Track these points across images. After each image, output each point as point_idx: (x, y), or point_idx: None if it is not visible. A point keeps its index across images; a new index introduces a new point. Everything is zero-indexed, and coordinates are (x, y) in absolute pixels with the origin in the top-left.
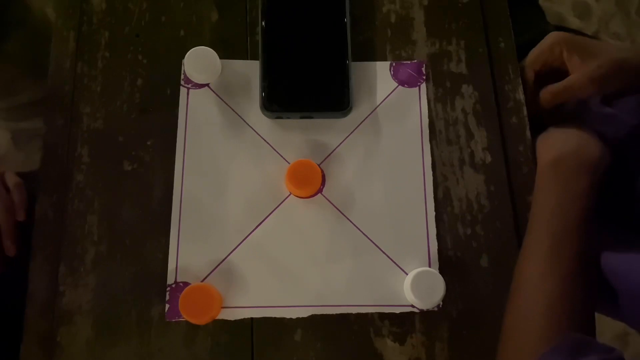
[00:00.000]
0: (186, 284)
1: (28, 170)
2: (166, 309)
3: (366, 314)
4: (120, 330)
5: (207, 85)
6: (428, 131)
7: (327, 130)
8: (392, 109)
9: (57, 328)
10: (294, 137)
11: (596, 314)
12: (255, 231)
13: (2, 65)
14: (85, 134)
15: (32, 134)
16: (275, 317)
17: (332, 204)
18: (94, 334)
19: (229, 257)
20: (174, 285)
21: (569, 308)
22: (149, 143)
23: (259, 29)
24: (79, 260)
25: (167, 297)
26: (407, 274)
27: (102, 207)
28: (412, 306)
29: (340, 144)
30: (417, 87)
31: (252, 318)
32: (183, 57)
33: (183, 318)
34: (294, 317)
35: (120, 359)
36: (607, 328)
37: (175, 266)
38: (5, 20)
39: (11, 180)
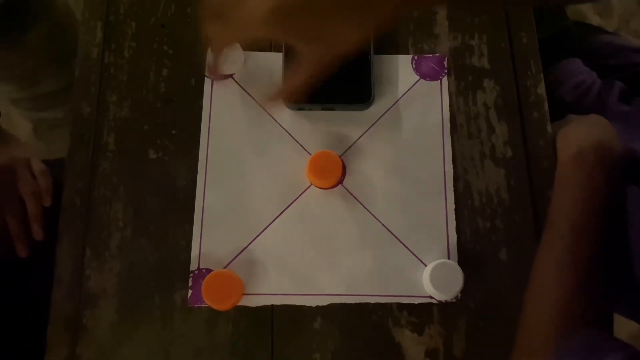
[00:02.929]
0: (209, 270)
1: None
2: (189, 295)
3: (385, 304)
4: (144, 314)
5: (231, 76)
6: (449, 124)
7: (349, 122)
8: (414, 102)
9: (83, 311)
10: (315, 129)
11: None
12: (276, 220)
13: (24, 55)
14: (112, 122)
15: (53, 124)
16: (295, 305)
17: (352, 195)
18: (118, 318)
19: (250, 245)
20: (196, 272)
21: (586, 302)
22: (173, 132)
23: None
24: (104, 245)
25: (190, 283)
26: (426, 266)
27: (127, 194)
28: (431, 297)
29: (362, 136)
30: (439, 81)
31: (272, 305)
32: (208, 48)
33: (205, 304)
34: (313, 305)
35: (143, 343)
36: (622, 328)
37: (198, 253)
38: (27, 11)
39: (37, 166)
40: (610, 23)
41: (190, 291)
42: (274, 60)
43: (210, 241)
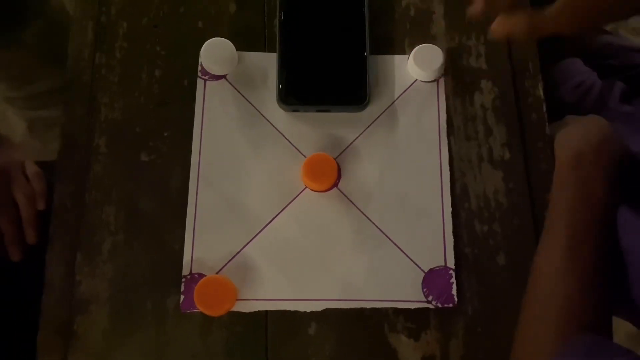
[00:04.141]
0: (201, 275)
1: (45, 159)
2: (181, 300)
3: (381, 309)
4: (136, 320)
5: (224, 77)
6: (446, 126)
7: (344, 124)
8: (410, 104)
9: (74, 317)
10: (310, 131)
11: None
12: (270, 224)
13: (19, 54)
14: (103, 125)
15: (49, 123)
16: (289, 310)
17: (347, 198)
18: (110, 324)
19: (244, 249)
20: (189, 277)
21: (585, 306)
22: (166, 134)
23: (276, 22)
24: (96, 249)
25: (183, 288)
26: (423, 270)
27: (120, 197)
28: (428, 302)
29: (357, 138)
30: (436, 82)
31: (266, 311)
32: (201, 49)
33: (198, 309)
34: (308, 310)
35: (136, 349)
36: (620, 328)
37: (190, 257)
38: (22, 10)
39: (31, 169)
40: None
41: (182, 297)
42: (268, 60)
43: (203, 245)
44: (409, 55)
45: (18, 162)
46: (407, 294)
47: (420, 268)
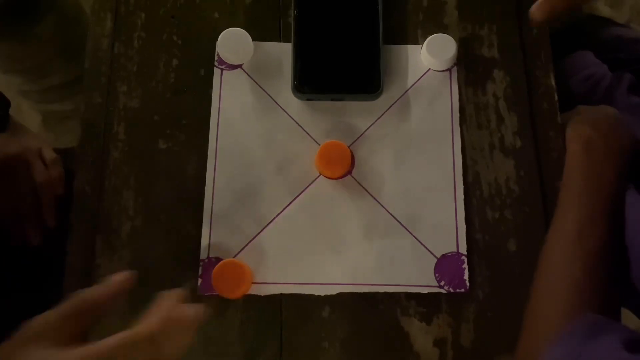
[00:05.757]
0: (218, 259)
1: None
2: (199, 283)
3: (393, 294)
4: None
5: (240, 66)
6: (458, 115)
7: (358, 113)
8: (423, 93)
9: None
10: (324, 119)
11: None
12: (285, 210)
13: (34, 47)
14: (122, 113)
15: (62, 116)
16: (303, 294)
17: (361, 185)
18: (128, 306)
19: (260, 234)
20: (206, 260)
21: (592, 288)
22: (183, 122)
23: (291, 12)
24: (114, 234)
25: (200, 272)
26: (435, 256)
27: (138, 184)
28: (440, 287)
29: (371, 126)
30: (448, 71)
31: (281, 294)
32: (217, 39)
33: (215, 292)
34: (322, 294)
35: None
36: (629, 321)
37: (208, 242)
38: (36, 4)
39: (49, 155)
40: (621, 14)
41: (200, 280)
42: (283, 50)
43: (220, 230)
44: (422, 44)
45: (36, 148)
46: (420, 279)
47: (432, 254)
